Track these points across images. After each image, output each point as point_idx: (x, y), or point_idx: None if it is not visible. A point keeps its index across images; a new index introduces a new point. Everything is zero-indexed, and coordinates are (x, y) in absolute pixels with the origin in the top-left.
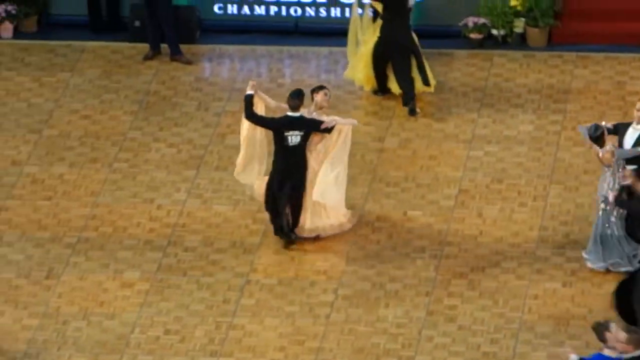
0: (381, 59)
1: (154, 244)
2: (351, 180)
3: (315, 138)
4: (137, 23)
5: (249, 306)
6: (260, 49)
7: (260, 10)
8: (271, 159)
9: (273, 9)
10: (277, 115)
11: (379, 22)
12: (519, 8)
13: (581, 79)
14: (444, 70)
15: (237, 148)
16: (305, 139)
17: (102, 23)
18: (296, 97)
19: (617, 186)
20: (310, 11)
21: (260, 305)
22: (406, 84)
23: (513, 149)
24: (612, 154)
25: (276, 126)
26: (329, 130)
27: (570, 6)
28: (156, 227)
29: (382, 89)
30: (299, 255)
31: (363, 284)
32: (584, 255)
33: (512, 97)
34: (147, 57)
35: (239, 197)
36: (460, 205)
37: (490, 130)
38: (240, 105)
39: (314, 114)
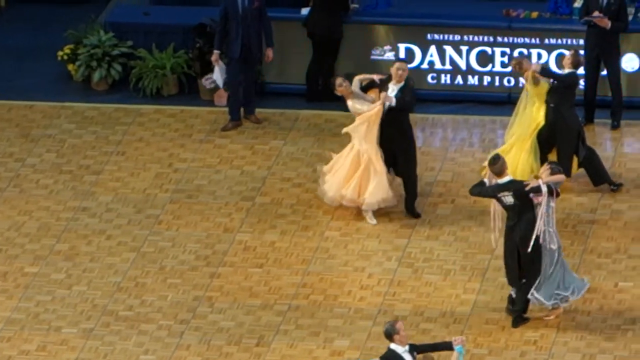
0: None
1: (365, 313)
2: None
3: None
4: None
5: None
6: (473, 118)
7: (473, 80)
8: None
9: (486, 79)
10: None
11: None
12: None
13: None
14: None
15: (448, 218)
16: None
17: (317, 92)
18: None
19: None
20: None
21: None
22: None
23: None
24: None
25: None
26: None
27: None
28: (367, 295)
29: None
30: (509, 324)
31: (573, 355)
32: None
33: None
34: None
35: (450, 267)
36: None
37: None
38: (453, 175)
39: None
